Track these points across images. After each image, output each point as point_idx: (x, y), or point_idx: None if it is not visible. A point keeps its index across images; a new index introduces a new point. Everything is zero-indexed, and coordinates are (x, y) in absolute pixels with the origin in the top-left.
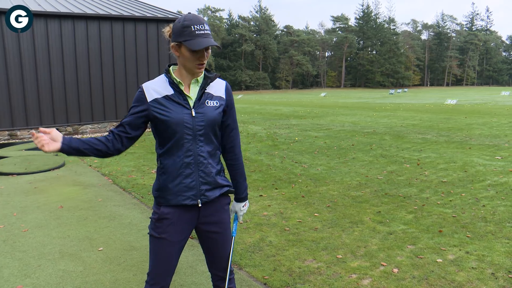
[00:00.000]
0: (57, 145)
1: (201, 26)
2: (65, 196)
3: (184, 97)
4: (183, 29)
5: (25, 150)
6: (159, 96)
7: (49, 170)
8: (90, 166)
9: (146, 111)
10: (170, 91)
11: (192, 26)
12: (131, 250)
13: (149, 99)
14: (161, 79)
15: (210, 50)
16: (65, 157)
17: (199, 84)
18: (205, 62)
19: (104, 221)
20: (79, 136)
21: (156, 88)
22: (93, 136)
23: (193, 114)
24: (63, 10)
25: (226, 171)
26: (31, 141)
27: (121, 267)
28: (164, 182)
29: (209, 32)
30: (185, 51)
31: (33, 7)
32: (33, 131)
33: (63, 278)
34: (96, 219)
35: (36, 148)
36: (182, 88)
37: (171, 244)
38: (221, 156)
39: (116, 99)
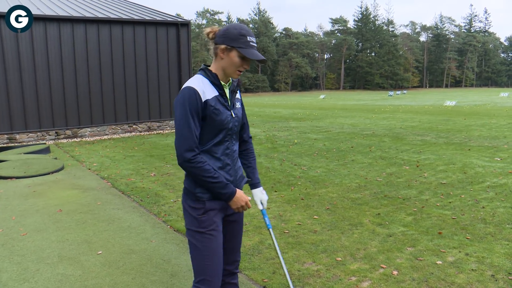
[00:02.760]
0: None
1: (254, 39)
2: (64, 199)
3: (226, 99)
4: (240, 36)
5: (24, 153)
6: (209, 97)
7: (48, 173)
8: (89, 169)
9: (203, 111)
10: (215, 92)
11: (248, 37)
12: (130, 254)
13: (203, 99)
14: (201, 79)
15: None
16: (64, 160)
17: (229, 87)
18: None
19: (103, 225)
20: (78, 140)
21: (204, 89)
22: (93, 138)
23: (233, 115)
24: (62, 13)
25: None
26: (30, 145)
27: (120, 270)
28: None
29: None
30: (235, 56)
31: (32, 11)
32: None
33: (62, 282)
34: (95, 223)
35: (35, 152)
36: (226, 91)
37: (219, 234)
38: None
39: (115, 102)
